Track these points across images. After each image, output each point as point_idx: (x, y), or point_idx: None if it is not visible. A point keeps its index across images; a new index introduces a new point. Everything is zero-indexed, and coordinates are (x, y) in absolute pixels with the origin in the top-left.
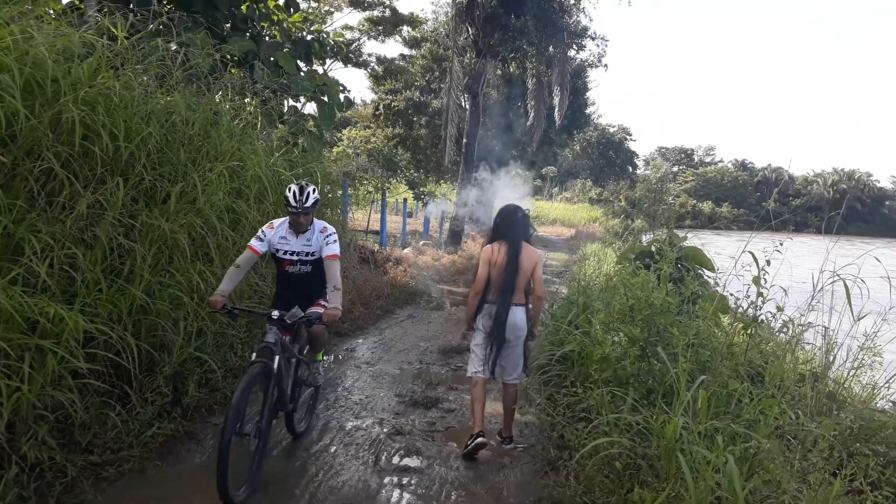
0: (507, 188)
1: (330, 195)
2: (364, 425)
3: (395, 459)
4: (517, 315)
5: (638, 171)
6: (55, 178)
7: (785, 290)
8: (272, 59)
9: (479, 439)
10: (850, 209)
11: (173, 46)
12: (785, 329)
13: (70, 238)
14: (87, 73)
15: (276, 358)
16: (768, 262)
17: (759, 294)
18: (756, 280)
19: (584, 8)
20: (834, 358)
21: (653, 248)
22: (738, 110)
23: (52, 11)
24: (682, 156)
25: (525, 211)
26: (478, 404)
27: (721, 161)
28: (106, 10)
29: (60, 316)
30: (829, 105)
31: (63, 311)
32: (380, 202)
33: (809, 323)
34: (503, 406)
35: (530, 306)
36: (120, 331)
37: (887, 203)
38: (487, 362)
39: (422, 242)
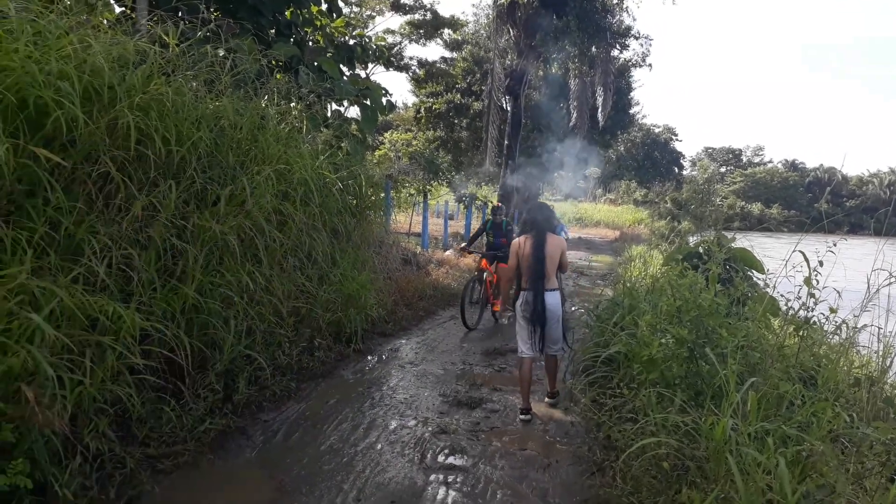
0: (549, 190)
1: (373, 197)
2: (409, 424)
3: (441, 458)
4: (550, 299)
5: (684, 172)
6: (111, 181)
7: (839, 292)
8: (316, 63)
9: (527, 415)
10: None
11: (221, 53)
12: (838, 331)
13: (126, 239)
14: (141, 79)
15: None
16: (821, 263)
17: (811, 295)
18: (807, 281)
19: (627, 7)
20: (891, 362)
21: (700, 250)
22: (788, 109)
23: (105, 21)
24: (730, 156)
25: (550, 207)
26: (525, 383)
27: (770, 161)
28: (157, 18)
29: (118, 314)
30: (886, 101)
31: (121, 309)
32: (421, 205)
33: (864, 325)
34: (547, 372)
35: (561, 287)
36: (173, 329)
37: None
38: (532, 342)
39: (463, 244)
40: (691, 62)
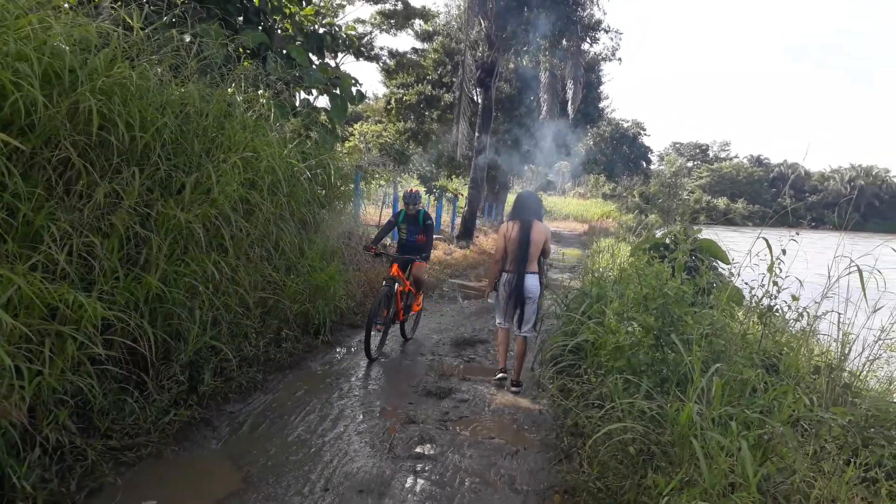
0: (519, 183)
1: (343, 188)
2: (378, 414)
3: (410, 447)
4: (530, 281)
5: (652, 167)
6: (72, 167)
7: (801, 282)
8: (284, 51)
9: (502, 374)
10: (869, 206)
11: (187, 38)
12: (800, 318)
13: (87, 226)
14: (104, 63)
15: (395, 284)
16: (783, 252)
17: (774, 283)
18: (770, 268)
19: (597, 1)
20: (850, 349)
21: (667, 240)
22: (754, 105)
23: (67, 4)
24: (697, 151)
25: (538, 197)
26: (501, 346)
27: (736, 157)
28: (121, 1)
29: (79, 302)
30: (847, 99)
31: (82, 298)
32: (391, 196)
33: (825, 312)
34: (516, 355)
35: (541, 271)
36: (137, 318)
37: None
38: (508, 317)
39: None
40: (661, 57)
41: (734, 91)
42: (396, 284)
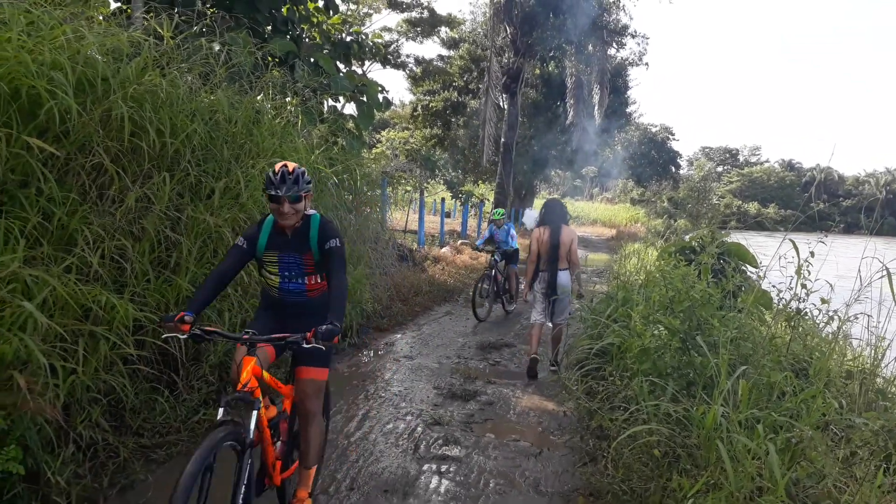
0: (546, 188)
1: (369, 193)
2: (403, 416)
3: (434, 448)
4: (562, 277)
5: (681, 172)
6: (105, 172)
7: (831, 285)
8: (312, 59)
9: (534, 357)
10: None
11: (216, 47)
12: (830, 322)
13: (120, 230)
14: (136, 71)
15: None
16: (812, 254)
17: (803, 285)
18: (798, 270)
19: (623, 6)
20: (883, 354)
21: (694, 243)
22: (786, 109)
23: (101, 16)
24: (727, 156)
25: (563, 204)
26: (534, 339)
27: (767, 161)
28: (152, 12)
29: (112, 304)
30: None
31: (114, 299)
32: (417, 202)
33: (855, 315)
34: (552, 340)
35: (572, 269)
36: None
37: None
38: (545, 312)
39: (460, 242)
40: (689, 61)
41: (765, 94)
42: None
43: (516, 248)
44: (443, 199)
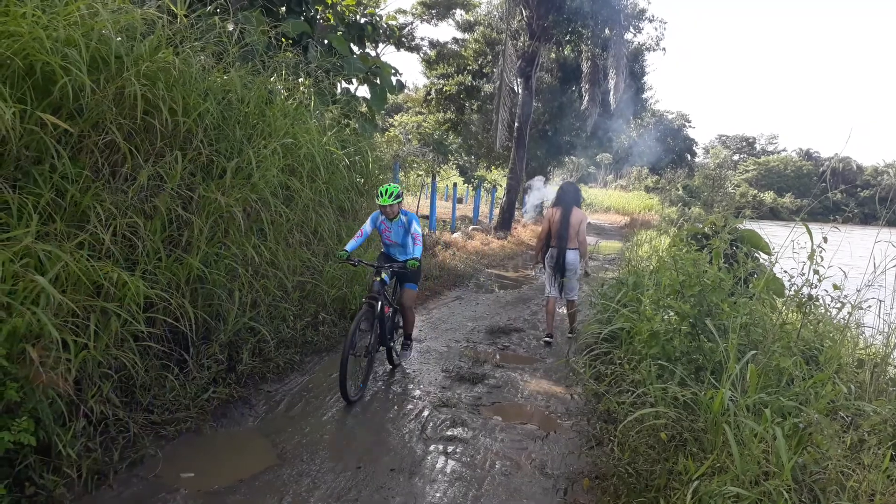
0: (560, 175)
1: (381, 176)
2: (411, 397)
3: (441, 430)
4: (570, 255)
5: (697, 160)
6: (118, 150)
7: (845, 273)
8: (326, 41)
9: (549, 338)
10: None
11: (230, 26)
12: (841, 309)
13: (132, 208)
14: (149, 49)
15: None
16: (825, 240)
17: (815, 272)
18: (811, 256)
19: None
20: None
21: (706, 230)
22: (804, 97)
23: None
24: (744, 144)
25: (577, 186)
26: (549, 315)
27: (784, 150)
28: None
29: (123, 281)
30: None
31: (125, 276)
32: (430, 186)
33: (866, 300)
34: (567, 314)
35: (578, 248)
36: (178, 298)
37: None
38: (554, 285)
39: (471, 227)
40: (708, 47)
41: (785, 81)
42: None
43: (419, 256)
44: (455, 185)
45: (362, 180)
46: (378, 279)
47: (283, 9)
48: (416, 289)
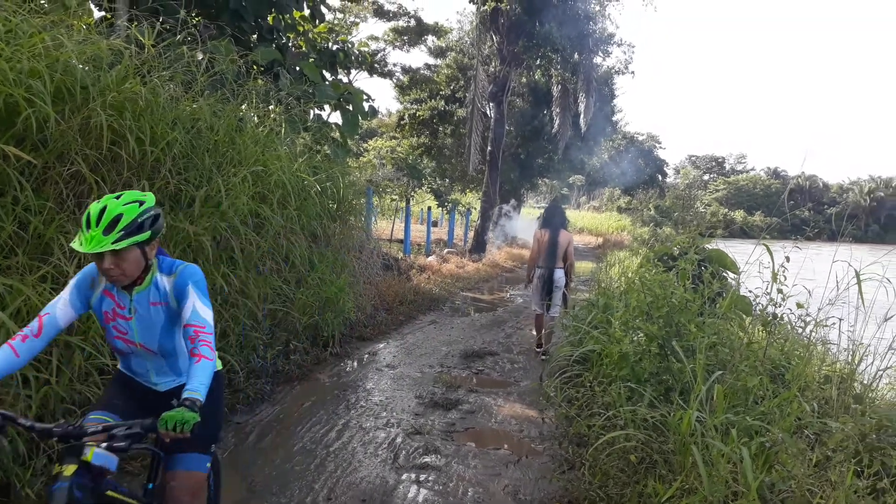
0: (533, 197)
1: (354, 202)
2: (383, 425)
3: (414, 458)
4: (557, 274)
5: (668, 180)
6: (84, 181)
7: (809, 291)
8: (297, 68)
9: (539, 348)
10: (889, 217)
11: (199, 55)
12: (804, 327)
13: None
14: (116, 79)
15: None
16: (787, 259)
17: (779, 291)
18: (774, 276)
19: (609, 14)
20: (860, 359)
21: (675, 250)
22: (771, 117)
23: (84, 25)
24: (713, 164)
25: (563, 209)
26: (538, 330)
27: (753, 169)
28: (135, 21)
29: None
30: (867, 110)
31: None
32: (404, 211)
33: (828, 318)
34: (546, 332)
35: (565, 267)
36: None
37: None
38: (541, 303)
39: (446, 250)
40: (676, 70)
41: (751, 103)
42: None
43: (207, 385)
44: (429, 208)
45: (335, 205)
46: (67, 474)
47: (255, 36)
48: (205, 468)
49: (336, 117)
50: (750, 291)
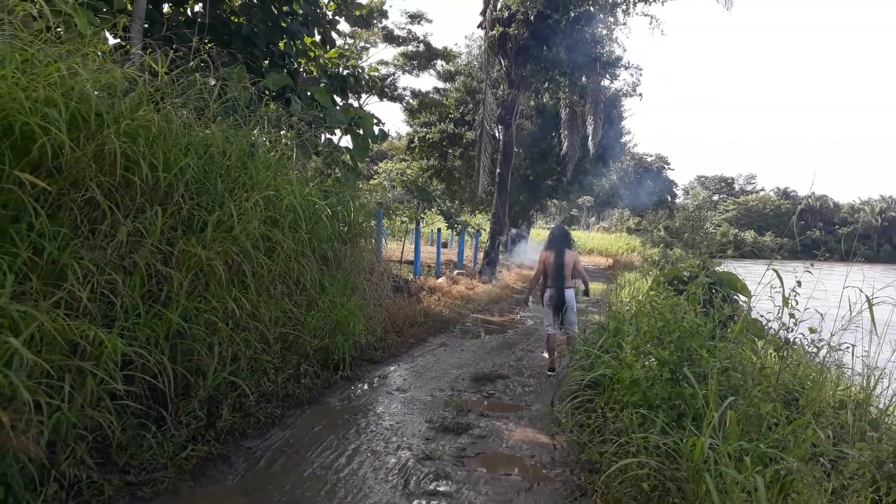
0: (542, 219)
1: (364, 224)
2: (394, 450)
3: (425, 484)
4: (567, 293)
5: (677, 201)
6: (98, 207)
7: (821, 315)
8: (308, 93)
9: (551, 372)
10: None
11: (212, 82)
12: (818, 351)
13: (111, 264)
14: (130, 107)
15: None
16: (799, 283)
17: (791, 315)
18: (786, 301)
19: (616, 38)
20: (876, 383)
21: (685, 273)
22: (781, 137)
23: (99, 53)
24: (723, 184)
25: (566, 230)
26: (550, 351)
27: (763, 189)
28: (149, 49)
29: (100, 339)
30: (877, 130)
31: (102, 334)
32: (414, 232)
33: (842, 343)
34: (567, 345)
35: (574, 285)
36: (157, 354)
37: None
38: (555, 323)
39: (456, 272)
40: (684, 91)
41: (760, 123)
42: None
43: None
44: (439, 230)
45: (346, 228)
46: None
47: (266, 62)
48: None
49: (347, 141)
50: (761, 316)
